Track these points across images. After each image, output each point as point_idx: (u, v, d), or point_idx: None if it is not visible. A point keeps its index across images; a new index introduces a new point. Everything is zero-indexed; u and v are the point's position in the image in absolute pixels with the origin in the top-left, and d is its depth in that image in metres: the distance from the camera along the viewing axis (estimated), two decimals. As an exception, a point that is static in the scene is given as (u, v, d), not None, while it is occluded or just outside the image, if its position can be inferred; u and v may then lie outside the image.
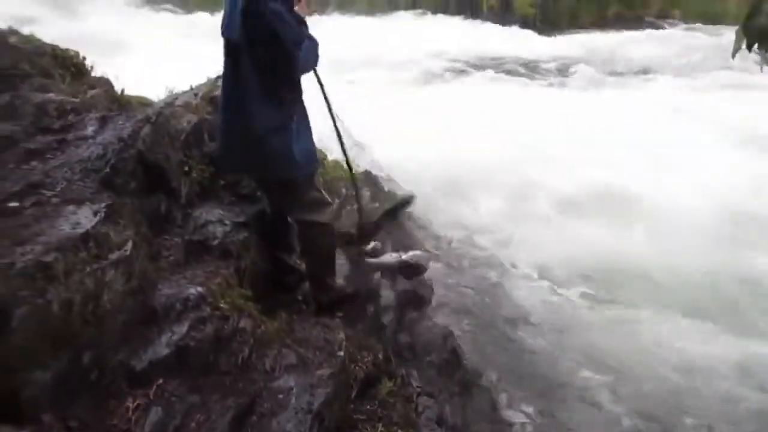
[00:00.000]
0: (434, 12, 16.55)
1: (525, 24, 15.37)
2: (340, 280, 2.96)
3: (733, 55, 1.41)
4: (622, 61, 11.00)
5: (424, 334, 3.03)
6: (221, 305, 2.28)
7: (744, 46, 1.33)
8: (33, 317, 1.79)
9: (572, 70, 10.53)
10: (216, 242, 2.81)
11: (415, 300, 3.31)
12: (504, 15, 15.84)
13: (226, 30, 2.58)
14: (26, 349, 1.76)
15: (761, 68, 1.51)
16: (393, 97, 7.57)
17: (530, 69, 10.85)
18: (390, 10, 17.39)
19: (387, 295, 3.22)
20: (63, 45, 4.21)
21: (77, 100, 3.68)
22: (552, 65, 11.12)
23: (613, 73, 9.86)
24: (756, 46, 1.33)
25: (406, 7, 17.47)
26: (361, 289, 3.04)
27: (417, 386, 2.55)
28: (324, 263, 2.80)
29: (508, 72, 10.43)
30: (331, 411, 2.04)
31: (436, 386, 2.65)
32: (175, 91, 3.81)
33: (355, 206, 3.28)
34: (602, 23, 15.28)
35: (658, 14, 15.40)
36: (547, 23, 15.25)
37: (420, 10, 17.05)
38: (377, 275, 3.23)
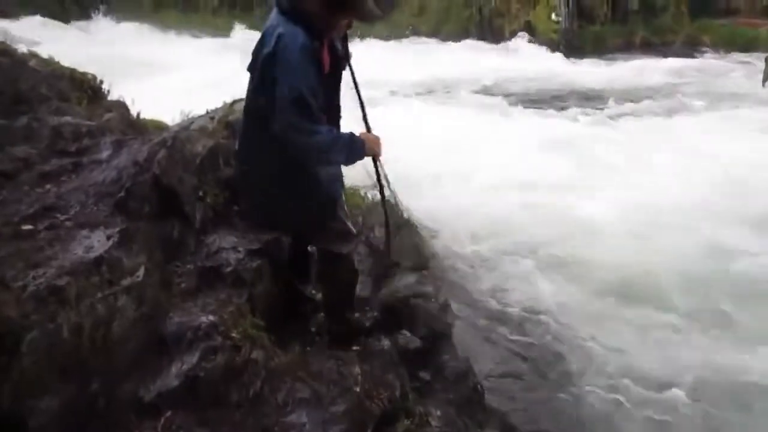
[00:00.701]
0: (456, 39, 16.74)
1: (549, 49, 15.44)
2: (357, 314, 2.88)
3: (764, 83, 1.37)
4: (646, 88, 10.96)
5: (444, 370, 2.94)
6: (233, 335, 2.22)
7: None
8: (43, 342, 1.75)
9: (596, 96, 10.54)
10: (229, 269, 2.75)
11: (435, 334, 3.23)
12: (527, 40, 15.98)
13: (251, 67, 2.46)
14: (35, 374, 1.71)
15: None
16: (420, 124, 7.59)
17: (555, 96, 10.81)
18: (413, 35, 17.65)
19: (405, 329, 3.14)
20: (82, 68, 4.27)
21: (93, 123, 3.69)
22: (577, 91, 11.09)
23: (636, 101, 9.82)
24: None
25: (428, 35, 17.71)
26: (378, 322, 2.95)
27: (436, 426, 2.46)
28: (343, 295, 2.73)
29: (534, 100, 10.40)
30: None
31: (456, 427, 2.55)
32: (191, 114, 3.82)
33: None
34: (628, 49, 15.28)
35: (686, 40, 15.26)
36: (571, 48, 15.30)
37: (441, 36, 17.27)
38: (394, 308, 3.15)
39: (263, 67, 2.24)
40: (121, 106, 4.27)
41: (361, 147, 2.33)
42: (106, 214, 2.62)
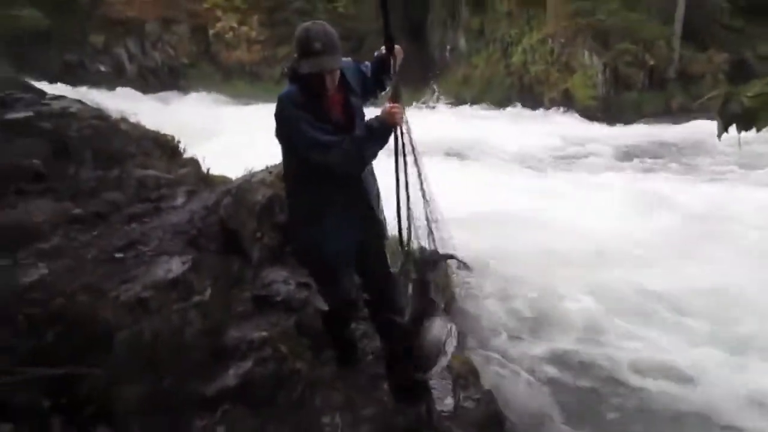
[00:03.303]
0: (498, 106, 17.35)
1: (587, 116, 15.77)
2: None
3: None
4: (686, 153, 11.03)
5: (469, 397, 3.18)
6: (281, 349, 2.59)
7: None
8: (130, 342, 2.17)
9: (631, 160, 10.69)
10: (279, 298, 3.16)
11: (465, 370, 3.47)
12: (566, 107, 16.41)
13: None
14: (123, 368, 2.12)
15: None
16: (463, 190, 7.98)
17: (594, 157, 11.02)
18: (457, 104, 18.39)
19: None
20: (163, 131, 4.95)
21: (171, 176, 4.30)
22: (614, 154, 11.27)
23: (665, 165, 9.91)
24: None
25: (472, 102, 18.39)
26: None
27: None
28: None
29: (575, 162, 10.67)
30: (373, 446, 2.25)
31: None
32: (253, 169, 4.34)
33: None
34: (666, 115, 15.36)
35: (725, 104, 15.27)
36: (609, 114, 15.58)
37: (484, 104, 17.91)
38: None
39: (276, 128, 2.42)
40: (194, 163, 4.92)
41: (381, 127, 2.35)
42: (180, 247, 3.10)
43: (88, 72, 18.37)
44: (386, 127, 2.36)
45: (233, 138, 8.48)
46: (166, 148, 4.79)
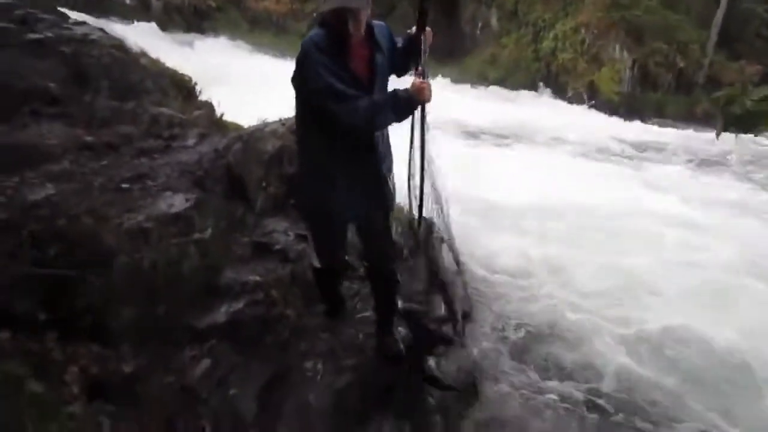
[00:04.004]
0: (521, 89, 17.18)
1: (609, 109, 15.64)
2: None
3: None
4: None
5: (452, 363, 3.26)
6: (273, 294, 2.65)
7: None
8: (129, 266, 2.23)
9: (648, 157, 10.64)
10: (278, 247, 3.21)
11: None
12: (589, 99, 16.27)
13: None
14: (121, 290, 2.19)
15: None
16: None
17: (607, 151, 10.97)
18: (480, 84, 18.20)
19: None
20: (182, 71, 4.96)
21: (184, 116, 4.33)
22: (630, 150, 11.20)
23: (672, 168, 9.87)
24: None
25: (495, 83, 18.17)
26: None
27: (433, 403, 2.77)
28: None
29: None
30: (352, 395, 2.33)
31: (455, 409, 2.85)
32: (266, 120, 4.36)
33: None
34: (689, 118, 15.21)
35: (752, 115, 15.17)
36: (632, 110, 15.44)
37: (508, 85, 17.74)
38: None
39: (294, 72, 2.35)
40: (208, 106, 4.93)
41: (407, 101, 2.27)
42: (186, 186, 3.15)
43: (114, 3, 18.19)
44: (413, 102, 2.30)
45: (250, 87, 8.44)
46: (182, 88, 4.81)
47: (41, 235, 2.10)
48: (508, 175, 7.54)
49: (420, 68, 2.38)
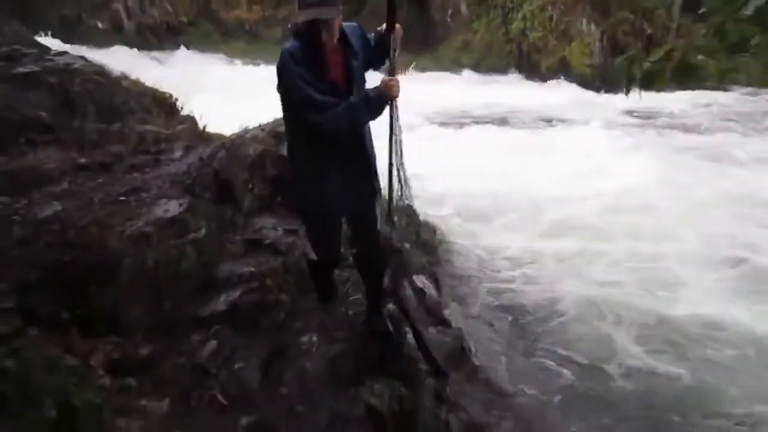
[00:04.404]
0: (496, 73, 17.46)
1: (583, 83, 15.93)
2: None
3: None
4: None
5: (441, 332, 3.55)
6: (267, 282, 2.94)
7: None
8: (134, 268, 2.52)
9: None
10: (268, 242, 3.49)
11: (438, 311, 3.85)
12: (562, 75, 16.57)
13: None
14: (128, 289, 2.48)
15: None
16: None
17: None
18: (456, 70, 18.47)
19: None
20: (162, 88, 5.22)
21: (169, 131, 4.61)
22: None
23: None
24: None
25: (470, 68, 18.44)
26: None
27: (425, 368, 3.05)
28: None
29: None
30: (346, 363, 2.63)
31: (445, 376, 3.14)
32: (246, 126, 4.63)
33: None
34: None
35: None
36: (606, 83, 15.72)
37: (482, 69, 18.00)
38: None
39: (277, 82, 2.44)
40: (191, 120, 5.20)
41: (378, 99, 2.39)
42: (177, 194, 3.43)
43: (86, 27, 18.37)
44: (383, 99, 2.41)
45: (228, 96, 8.73)
46: (164, 105, 5.07)
47: (55, 245, 2.38)
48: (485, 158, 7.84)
49: (389, 65, 2.50)
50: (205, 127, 5.15)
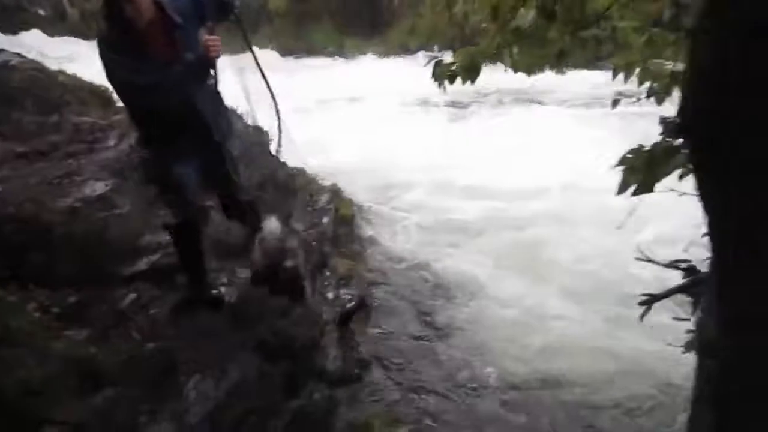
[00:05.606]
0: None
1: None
2: None
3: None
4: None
5: (348, 292, 4.21)
6: (183, 247, 3.53)
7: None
8: (66, 236, 3.08)
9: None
10: (189, 216, 4.07)
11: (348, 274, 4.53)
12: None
13: None
14: (62, 252, 3.04)
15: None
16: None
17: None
18: (404, 54, 19.00)
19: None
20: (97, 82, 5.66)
21: (104, 122, 5.08)
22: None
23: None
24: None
25: (417, 51, 18.99)
26: None
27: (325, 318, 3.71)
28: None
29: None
30: (248, 308, 3.27)
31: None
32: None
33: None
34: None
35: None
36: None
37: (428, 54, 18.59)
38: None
39: None
40: (125, 110, 5.66)
41: (199, 62, 2.43)
42: (106, 176, 3.96)
43: (28, 14, 18.11)
44: (204, 62, 2.42)
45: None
46: (100, 97, 5.52)
47: (-3, 220, 2.93)
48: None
49: (210, 24, 2.50)
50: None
